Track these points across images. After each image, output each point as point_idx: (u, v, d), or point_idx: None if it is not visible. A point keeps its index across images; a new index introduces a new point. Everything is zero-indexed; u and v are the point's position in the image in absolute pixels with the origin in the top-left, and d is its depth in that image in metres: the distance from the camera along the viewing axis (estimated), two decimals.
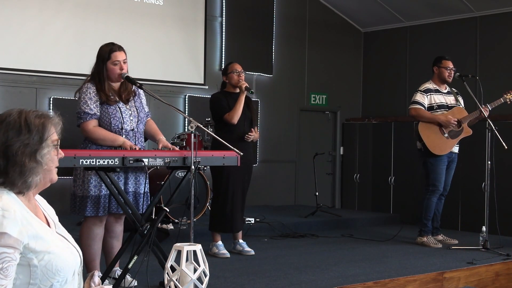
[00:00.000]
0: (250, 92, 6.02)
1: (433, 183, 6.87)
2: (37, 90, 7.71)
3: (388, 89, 10.55)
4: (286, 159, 10.05)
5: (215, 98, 6.13)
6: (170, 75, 8.73)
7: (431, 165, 6.86)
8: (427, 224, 6.92)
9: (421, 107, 6.84)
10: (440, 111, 6.87)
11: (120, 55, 4.54)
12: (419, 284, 5.20)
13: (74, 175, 4.54)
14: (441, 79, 6.97)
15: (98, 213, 4.45)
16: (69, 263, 2.11)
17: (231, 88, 6.12)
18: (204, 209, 7.38)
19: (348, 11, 10.68)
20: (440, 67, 6.96)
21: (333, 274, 5.26)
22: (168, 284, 4.09)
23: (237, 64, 6.19)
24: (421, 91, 6.92)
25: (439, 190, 6.90)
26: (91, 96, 4.48)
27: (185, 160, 4.52)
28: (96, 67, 4.56)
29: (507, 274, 5.98)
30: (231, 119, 5.91)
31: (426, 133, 6.81)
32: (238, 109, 5.92)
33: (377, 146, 10.10)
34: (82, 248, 4.56)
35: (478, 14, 9.39)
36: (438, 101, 6.89)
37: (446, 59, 6.98)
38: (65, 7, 7.84)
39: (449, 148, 6.87)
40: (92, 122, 4.47)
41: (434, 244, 6.81)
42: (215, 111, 6.09)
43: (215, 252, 5.95)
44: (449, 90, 7.04)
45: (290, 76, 10.16)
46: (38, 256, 2.00)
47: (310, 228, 7.86)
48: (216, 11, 9.35)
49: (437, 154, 6.80)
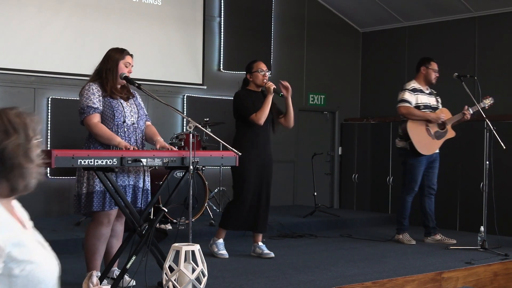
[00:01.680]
0: (280, 95, 5.81)
1: (409, 183, 7.04)
2: (35, 90, 7.69)
3: (387, 89, 10.54)
4: (284, 159, 10.05)
5: (241, 96, 5.94)
6: (169, 75, 8.72)
7: (410, 166, 7.01)
8: (403, 222, 7.12)
9: (410, 105, 6.92)
10: (425, 112, 6.99)
11: (131, 60, 4.70)
12: (417, 284, 5.20)
13: (77, 175, 4.55)
14: (427, 80, 7.07)
15: (105, 207, 4.45)
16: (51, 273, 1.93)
17: (254, 87, 5.97)
18: (203, 209, 7.38)
19: (347, 11, 10.68)
20: (428, 68, 7.06)
21: (332, 274, 5.26)
22: (166, 284, 4.09)
23: (262, 62, 6.01)
24: (409, 90, 7.00)
25: (414, 191, 7.07)
26: (94, 91, 4.53)
27: (183, 160, 4.53)
28: (105, 65, 4.60)
29: (505, 274, 5.99)
30: (258, 120, 5.77)
31: (414, 133, 6.91)
32: (265, 110, 5.76)
33: (375, 146, 10.10)
34: (86, 246, 4.57)
35: (476, 14, 9.39)
36: (424, 102, 7.00)
37: (434, 61, 7.08)
38: (64, 7, 7.84)
39: (435, 148, 7.01)
40: (95, 116, 4.50)
41: (408, 241, 7.02)
42: (239, 109, 5.91)
43: (214, 250, 5.93)
44: (430, 91, 7.15)
45: (289, 76, 10.11)
46: (20, 266, 1.84)
47: (308, 228, 7.87)
48: (215, 11, 9.35)
49: (423, 154, 6.91)
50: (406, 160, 7.02)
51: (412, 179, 7.00)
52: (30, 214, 2.04)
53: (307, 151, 9.83)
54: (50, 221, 7.21)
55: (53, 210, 7.76)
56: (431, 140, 6.94)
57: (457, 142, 8.62)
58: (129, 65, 4.65)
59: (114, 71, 4.58)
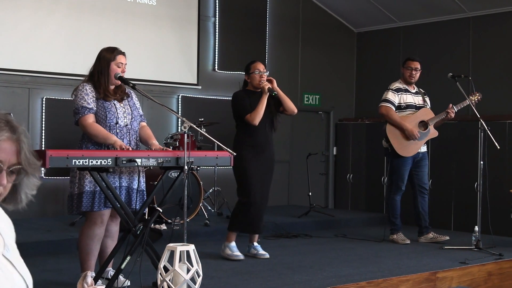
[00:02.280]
0: (273, 95, 5.79)
1: (396, 183, 7.07)
2: (29, 90, 7.68)
3: (381, 89, 10.43)
4: (279, 159, 10.02)
5: (238, 96, 5.92)
6: (163, 75, 8.71)
7: (396, 166, 7.04)
8: (395, 222, 7.15)
9: (392, 106, 6.96)
10: (408, 111, 7.01)
11: (124, 59, 4.67)
12: (412, 284, 5.21)
13: (71, 176, 4.55)
14: (404, 79, 7.09)
15: (93, 208, 4.44)
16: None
17: (252, 88, 5.94)
18: (197, 210, 7.38)
19: (342, 11, 10.69)
20: (404, 68, 7.12)
21: (327, 274, 5.27)
22: (161, 284, 4.09)
23: (260, 63, 5.95)
24: (392, 90, 7.04)
25: (401, 190, 7.09)
26: (88, 92, 4.52)
27: (178, 161, 4.53)
28: (98, 67, 4.59)
29: (499, 273, 6.00)
30: (252, 120, 5.75)
31: (393, 135, 6.93)
32: (260, 111, 5.74)
33: (370, 146, 10.11)
34: (80, 247, 4.56)
35: (471, 14, 9.41)
36: (407, 101, 7.02)
37: (410, 60, 7.10)
38: (58, 8, 7.82)
39: (415, 150, 7.00)
40: (90, 116, 4.49)
41: (402, 241, 7.02)
42: (237, 110, 5.88)
43: (228, 254, 5.81)
44: (417, 90, 7.16)
45: (283, 76, 10.14)
46: None
47: (303, 228, 7.87)
48: (210, 11, 9.35)
49: (403, 155, 6.93)
50: (392, 160, 7.06)
51: (398, 179, 7.04)
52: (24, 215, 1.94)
53: (301, 151, 9.83)
54: (45, 221, 7.20)
55: (48, 210, 7.74)
56: (411, 142, 6.91)
57: (452, 142, 8.65)
58: (121, 65, 4.61)
59: (106, 74, 4.57)
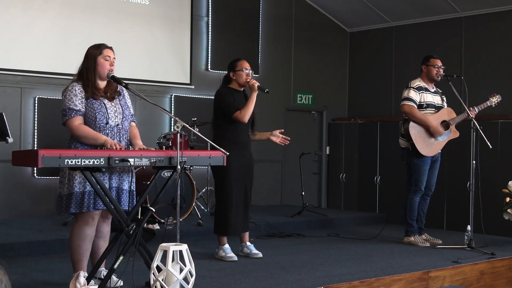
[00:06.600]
0: (265, 92, 5.70)
1: (415, 183, 6.89)
2: (22, 90, 7.66)
3: (374, 89, 10.58)
4: (272, 159, 10.06)
5: (223, 94, 5.81)
6: (156, 75, 8.70)
7: (415, 166, 6.85)
8: (412, 224, 6.95)
9: (414, 104, 6.77)
10: (429, 110, 6.84)
11: (111, 53, 4.60)
12: (404, 283, 5.22)
13: (60, 176, 4.50)
14: (429, 78, 6.93)
15: (82, 209, 4.40)
16: None
17: (237, 86, 5.85)
18: (190, 209, 7.38)
19: (334, 11, 10.70)
20: (428, 66, 6.91)
21: (319, 273, 5.27)
22: (154, 284, 4.08)
23: (246, 62, 5.86)
24: (414, 88, 6.83)
25: (421, 191, 6.91)
26: (77, 93, 4.46)
27: (171, 160, 4.51)
28: (85, 64, 4.55)
29: (491, 273, 6.02)
30: (242, 118, 5.64)
31: (415, 133, 6.76)
32: (250, 108, 5.66)
33: (363, 146, 10.14)
34: (71, 248, 4.54)
35: (463, 14, 9.44)
36: (427, 100, 6.85)
37: (434, 58, 6.97)
38: (50, 6, 7.80)
39: (437, 150, 6.87)
40: (77, 119, 4.43)
41: (422, 243, 6.85)
42: (222, 107, 5.76)
43: (222, 255, 5.78)
44: (436, 90, 7.04)
45: (276, 76, 10.17)
46: None
47: (296, 228, 7.87)
48: (202, 11, 9.34)
49: (425, 155, 6.79)
50: (411, 160, 6.84)
51: (418, 179, 6.85)
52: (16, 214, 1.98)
53: (294, 150, 9.84)
54: (36, 221, 7.17)
55: (40, 210, 7.71)
56: (433, 141, 6.79)
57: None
58: (109, 58, 4.54)
59: (93, 69, 4.52)
